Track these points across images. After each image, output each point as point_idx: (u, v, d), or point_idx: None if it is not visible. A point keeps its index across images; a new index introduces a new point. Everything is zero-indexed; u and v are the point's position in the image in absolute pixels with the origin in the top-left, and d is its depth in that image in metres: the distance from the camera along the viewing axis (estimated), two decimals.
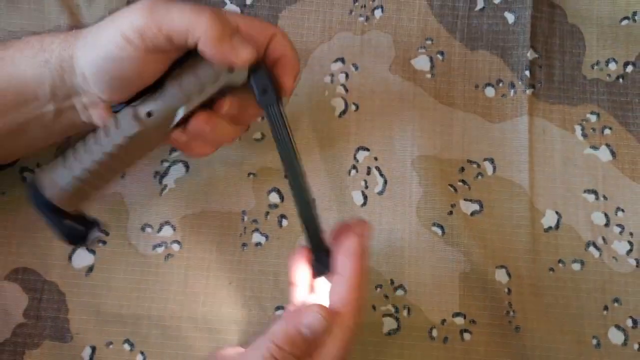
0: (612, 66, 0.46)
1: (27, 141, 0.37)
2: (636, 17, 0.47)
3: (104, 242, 0.42)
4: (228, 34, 0.32)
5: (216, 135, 0.35)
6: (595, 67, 0.46)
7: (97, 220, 0.37)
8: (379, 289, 0.41)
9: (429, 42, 0.46)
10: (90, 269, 0.41)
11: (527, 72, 0.45)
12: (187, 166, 0.43)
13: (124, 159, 0.35)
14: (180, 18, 0.31)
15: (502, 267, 0.42)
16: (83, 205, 0.36)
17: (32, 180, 0.35)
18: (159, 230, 0.42)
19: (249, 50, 0.32)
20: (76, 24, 0.45)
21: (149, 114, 0.33)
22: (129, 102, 0.34)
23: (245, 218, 0.42)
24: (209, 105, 0.34)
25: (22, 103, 0.35)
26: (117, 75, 0.33)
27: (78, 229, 0.35)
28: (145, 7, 0.32)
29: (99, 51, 0.33)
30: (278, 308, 0.41)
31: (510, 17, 0.47)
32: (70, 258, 0.41)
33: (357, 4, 0.47)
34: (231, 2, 0.46)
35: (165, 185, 0.43)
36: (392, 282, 0.42)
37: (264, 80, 0.33)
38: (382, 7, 0.47)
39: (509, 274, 0.42)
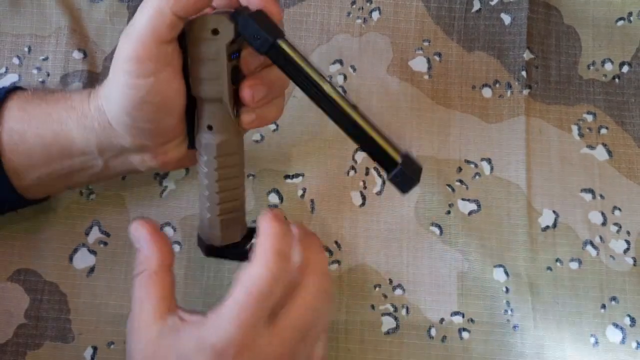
0: (608, 66, 0.47)
1: (72, 184, 0.39)
2: (631, 18, 0.47)
3: (105, 244, 0.42)
4: None
5: (270, 89, 0.34)
6: (591, 67, 0.47)
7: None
8: (377, 288, 0.42)
9: (426, 43, 0.47)
10: (92, 269, 0.41)
11: (524, 73, 0.46)
12: (187, 168, 0.44)
13: (232, 173, 0.35)
14: (145, 15, 0.30)
15: (500, 266, 0.42)
16: (241, 229, 0.37)
17: (197, 237, 0.37)
18: (160, 230, 0.42)
19: None
20: (76, 27, 0.46)
21: (209, 127, 0.33)
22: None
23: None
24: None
25: (67, 156, 0.36)
26: (149, 115, 0.33)
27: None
28: (122, 40, 0.32)
29: (121, 105, 0.33)
30: None
31: (506, 19, 0.47)
32: (71, 259, 0.42)
33: (354, 6, 0.47)
34: None
35: (166, 187, 0.43)
36: (390, 281, 0.42)
37: (250, 27, 0.30)
38: (379, 9, 0.47)
39: (507, 273, 0.42)
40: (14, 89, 0.37)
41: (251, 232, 0.37)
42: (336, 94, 0.31)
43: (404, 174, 0.30)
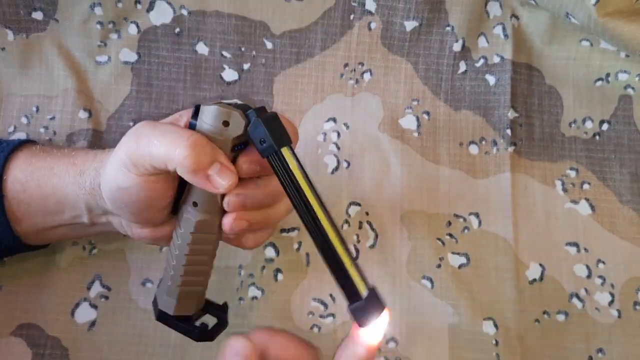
0: (589, 124, 0.49)
1: (66, 236, 0.41)
2: (609, 79, 0.50)
3: (106, 298, 0.43)
4: (203, 166, 0.31)
5: (256, 208, 0.35)
6: (573, 125, 0.49)
7: (222, 306, 0.39)
8: None
9: (415, 102, 0.49)
10: (93, 324, 0.42)
11: (509, 131, 0.48)
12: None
13: (203, 251, 0.36)
14: (159, 148, 0.32)
15: (489, 318, 0.43)
16: (197, 304, 0.38)
17: (154, 297, 0.38)
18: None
19: (226, 178, 0.32)
20: (82, 88, 0.48)
21: (194, 204, 0.34)
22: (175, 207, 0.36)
23: (242, 272, 0.44)
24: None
25: (61, 210, 0.38)
26: (130, 202, 0.34)
27: (202, 329, 0.38)
28: (134, 133, 0.33)
29: (110, 183, 0.34)
30: None
31: (491, 79, 0.49)
32: (73, 313, 0.43)
33: (347, 68, 0.49)
34: (229, 68, 0.49)
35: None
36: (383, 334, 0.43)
37: (259, 130, 0.31)
38: (370, 71, 0.50)
39: (496, 326, 0.43)
40: (25, 141, 0.41)
41: (205, 308, 0.38)
42: (324, 214, 0.31)
43: (365, 308, 0.30)
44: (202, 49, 0.48)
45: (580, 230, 0.46)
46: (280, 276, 0.44)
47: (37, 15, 0.47)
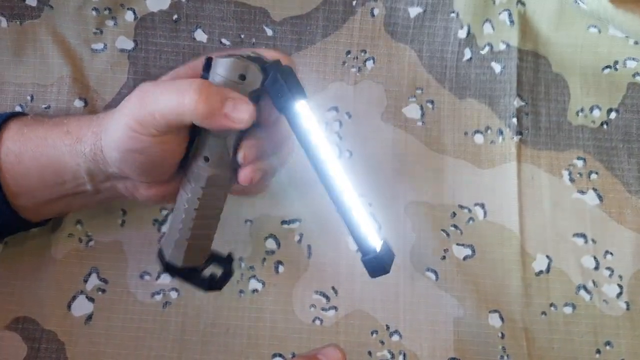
0: (596, 113, 0.48)
1: (66, 208, 0.40)
2: (617, 66, 0.49)
3: (103, 291, 0.42)
4: (217, 106, 0.31)
5: (267, 157, 0.35)
6: (580, 114, 0.48)
7: (227, 256, 0.39)
8: (374, 335, 0.42)
9: (419, 91, 0.48)
10: (90, 317, 0.41)
11: (515, 120, 0.47)
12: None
13: (213, 204, 0.36)
14: (167, 103, 0.31)
15: (495, 311, 0.42)
16: (204, 255, 0.38)
17: (158, 249, 0.38)
18: (158, 277, 0.43)
19: (244, 111, 0.32)
20: (77, 76, 0.47)
21: (205, 159, 0.34)
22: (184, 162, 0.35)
23: (243, 265, 0.43)
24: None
25: (61, 181, 0.37)
26: (142, 163, 0.34)
27: (211, 279, 0.38)
28: (137, 95, 0.33)
29: (117, 145, 0.34)
30: (275, 355, 0.41)
31: (496, 67, 0.48)
32: (69, 307, 0.42)
33: (349, 55, 0.48)
34: None
35: (164, 233, 0.43)
36: (387, 327, 0.42)
37: (278, 84, 0.31)
38: (373, 59, 0.48)
39: (502, 318, 0.42)
40: (16, 113, 0.39)
41: (212, 257, 0.38)
42: (340, 168, 0.32)
43: (379, 259, 0.31)
44: (200, 36, 0.47)
45: (587, 220, 0.45)
46: (281, 268, 0.43)
47: (31, 2, 0.46)
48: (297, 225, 0.44)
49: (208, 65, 0.33)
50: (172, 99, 0.31)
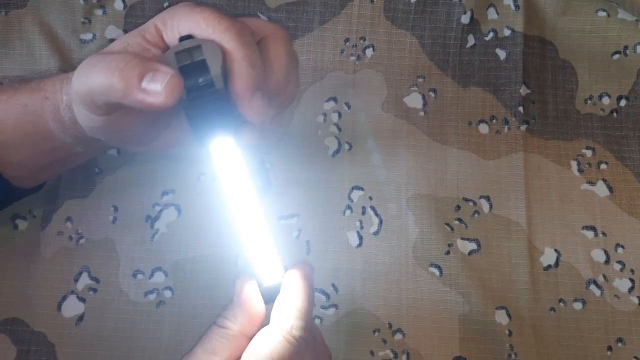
0: (606, 100, 0.46)
1: (63, 169, 0.39)
2: (627, 51, 0.47)
3: (95, 290, 0.41)
4: (134, 81, 0.28)
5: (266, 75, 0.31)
6: (589, 101, 0.46)
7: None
8: (376, 333, 0.40)
9: (420, 79, 0.46)
10: (81, 318, 0.40)
11: (521, 108, 0.45)
12: (179, 210, 0.43)
13: None
14: (96, 82, 0.29)
15: (502, 307, 0.41)
16: None
17: None
18: (151, 276, 0.41)
19: (159, 82, 0.28)
20: (66, 68, 0.45)
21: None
22: None
23: (239, 262, 0.42)
24: None
25: (50, 146, 0.35)
26: (114, 137, 0.34)
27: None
28: (79, 72, 0.31)
29: (83, 123, 0.33)
30: None
31: (501, 54, 0.47)
32: (59, 307, 0.40)
33: (348, 43, 0.47)
34: None
35: (157, 230, 0.42)
36: (390, 325, 0.41)
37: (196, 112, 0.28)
38: (373, 46, 0.47)
39: (509, 315, 0.41)
40: None
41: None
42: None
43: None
44: None
45: (597, 212, 0.43)
46: None
47: None
48: (295, 220, 0.43)
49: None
50: (100, 77, 0.29)
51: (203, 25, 0.30)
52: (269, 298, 0.31)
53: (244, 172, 0.30)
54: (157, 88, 0.28)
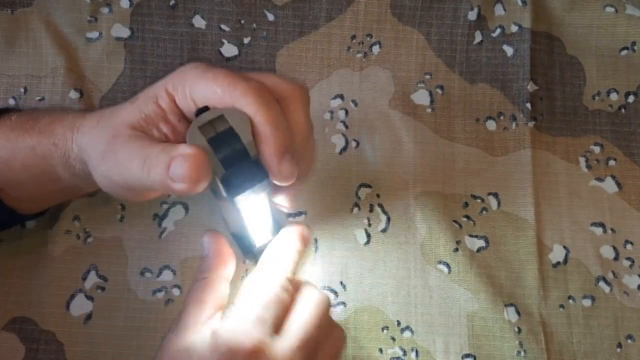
0: (614, 96, 0.46)
1: (65, 199, 0.40)
2: (635, 47, 0.47)
3: (103, 289, 0.41)
4: (163, 174, 0.28)
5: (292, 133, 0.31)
6: (597, 97, 0.46)
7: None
8: (385, 331, 0.40)
9: (427, 76, 0.46)
10: (89, 316, 0.40)
11: (528, 105, 0.45)
12: (186, 208, 0.42)
13: None
14: (123, 171, 0.30)
15: (511, 305, 0.41)
16: None
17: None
18: (159, 274, 0.41)
19: (184, 168, 0.28)
20: (72, 67, 0.45)
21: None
22: None
23: (247, 260, 0.42)
24: None
25: (57, 189, 0.36)
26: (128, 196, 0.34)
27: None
28: (103, 152, 0.31)
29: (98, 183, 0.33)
30: None
31: (509, 50, 0.46)
32: (68, 306, 0.40)
33: (354, 40, 0.46)
34: (229, 42, 0.46)
35: (165, 228, 0.42)
36: (398, 323, 0.40)
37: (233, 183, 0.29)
38: (379, 43, 0.47)
39: (518, 312, 0.41)
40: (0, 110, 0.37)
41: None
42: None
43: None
44: (199, 22, 0.45)
45: (606, 209, 0.43)
46: None
47: None
48: (303, 218, 0.43)
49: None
50: (127, 166, 0.30)
51: (219, 93, 0.29)
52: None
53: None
54: (183, 173, 0.28)
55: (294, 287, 0.33)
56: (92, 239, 0.41)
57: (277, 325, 0.31)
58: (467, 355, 0.40)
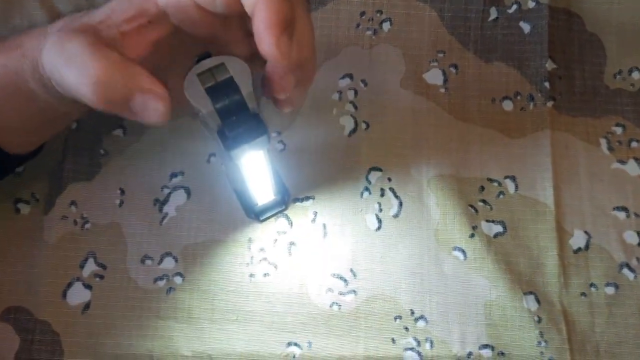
0: (636, 75, 0.44)
1: (54, 131, 0.36)
2: None
3: (101, 277, 0.39)
4: (120, 101, 0.27)
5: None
6: (618, 76, 0.44)
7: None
8: (398, 320, 0.38)
9: (440, 54, 0.44)
10: (87, 306, 0.38)
11: (547, 84, 0.43)
12: (188, 192, 0.41)
13: None
14: (68, 79, 0.28)
15: (530, 293, 0.39)
16: None
17: None
18: (160, 262, 0.39)
19: (154, 111, 0.27)
20: None
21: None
22: None
23: (252, 246, 0.40)
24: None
25: (35, 108, 0.32)
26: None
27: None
28: (49, 50, 0.29)
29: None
30: (290, 344, 0.38)
31: (525, 27, 0.44)
32: (64, 295, 0.38)
33: (364, 17, 0.44)
34: None
35: (166, 214, 0.40)
36: (412, 312, 0.38)
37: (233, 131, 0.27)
38: (390, 20, 0.44)
39: (538, 301, 0.39)
40: None
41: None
42: None
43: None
44: None
45: (629, 192, 0.41)
46: (294, 250, 0.40)
47: None
48: (311, 202, 0.41)
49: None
50: (73, 74, 0.27)
51: None
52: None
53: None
54: (154, 118, 0.27)
55: None
56: (90, 225, 0.40)
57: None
58: (485, 346, 0.38)
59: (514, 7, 0.45)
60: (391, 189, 0.41)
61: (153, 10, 0.29)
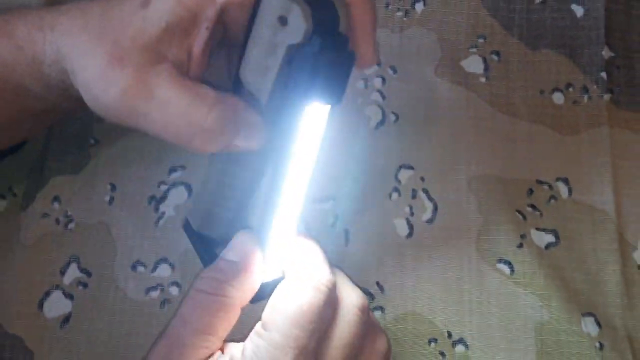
0: None
1: (43, 125, 0.35)
2: None
3: (85, 285, 0.35)
4: (228, 142, 0.26)
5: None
6: None
7: None
8: (433, 344, 0.34)
9: (481, 40, 0.40)
10: (67, 319, 0.34)
11: (603, 74, 0.39)
12: (189, 189, 0.36)
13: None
14: (166, 119, 0.25)
15: (589, 314, 0.34)
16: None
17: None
18: (154, 269, 0.35)
19: (255, 139, 0.26)
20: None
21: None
22: None
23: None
24: None
25: (24, 104, 0.29)
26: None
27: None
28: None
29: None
30: None
31: (578, 10, 0.40)
32: (41, 305, 0.34)
33: None
34: None
35: (163, 213, 0.36)
36: (449, 334, 0.34)
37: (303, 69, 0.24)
38: (424, 0, 0.40)
39: (598, 324, 0.34)
40: None
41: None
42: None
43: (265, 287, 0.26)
44: None
45: None
46: None
47: None
48: (331, 204, 0.36)
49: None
50: (173, 124, 0.25)
51: None
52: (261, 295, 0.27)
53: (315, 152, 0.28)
54: (253, 145, 0.26)
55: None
56: (74, 225, 0.36)
57: (318, 352, 0.24)
58: None
59: None
60: (424, 190, 0.37)
61: (211, 14, 0.25)
